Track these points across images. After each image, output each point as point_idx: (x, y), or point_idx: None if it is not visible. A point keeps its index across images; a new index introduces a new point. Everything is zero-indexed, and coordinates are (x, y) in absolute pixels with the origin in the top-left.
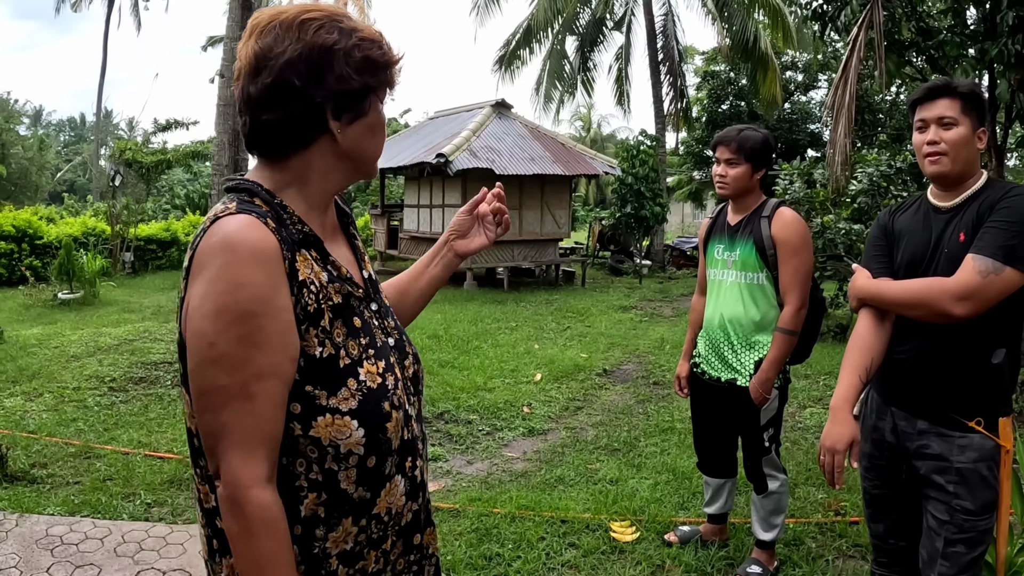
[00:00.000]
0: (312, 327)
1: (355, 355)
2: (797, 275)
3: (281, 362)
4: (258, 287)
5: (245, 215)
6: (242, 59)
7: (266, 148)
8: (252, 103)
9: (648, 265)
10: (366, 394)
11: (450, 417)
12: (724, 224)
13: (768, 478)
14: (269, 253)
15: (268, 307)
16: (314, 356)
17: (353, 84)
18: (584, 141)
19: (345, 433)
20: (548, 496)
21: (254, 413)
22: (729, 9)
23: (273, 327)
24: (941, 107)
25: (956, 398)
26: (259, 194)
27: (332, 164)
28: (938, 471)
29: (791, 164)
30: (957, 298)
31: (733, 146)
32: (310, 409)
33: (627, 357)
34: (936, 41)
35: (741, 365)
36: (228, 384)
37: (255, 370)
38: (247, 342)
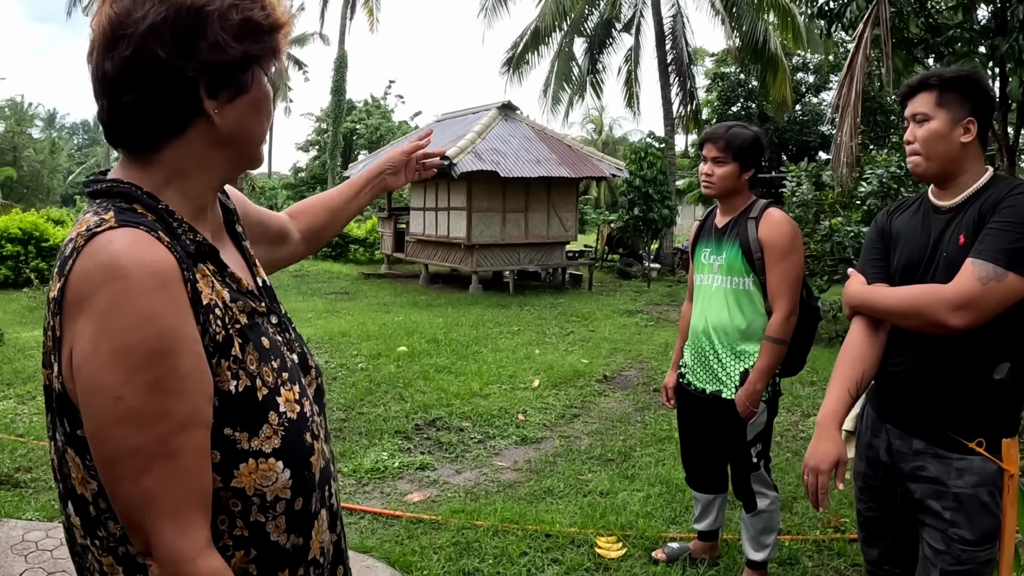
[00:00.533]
0: (224, 358)
1: (271, 383)
2: (785, 280)
3: (201, 405)
4: (165, 318)
5: (131, 228)
6: (95, 29)
7: (132, 139)
8: (109, 83)
9: (657, 268)
10: (288, 428)
11: (442, 424)
12: (712, 227)
13: (758, 496)
14: (171, 275)
15: (180, 342)
16: (229, 392)
17: (231, 53)
18: (596, 144)
19: (271, 478)
20: (534, 508)
21: (181, 472)
22: (738, 10)
23: (188, 365)
24: (917, 103)
25: (955, 416)
26: (139, 199)
27: (212, 153)
28: (934, 496)
29: (799, 165)
30: (954, 307)
31: (720, 144)
32: (231, 456)
33: (629, 363)
34: (945, 38)
35: (727, 376)
36: (144, 444)
37: (175, 421)
38: (160, 389)
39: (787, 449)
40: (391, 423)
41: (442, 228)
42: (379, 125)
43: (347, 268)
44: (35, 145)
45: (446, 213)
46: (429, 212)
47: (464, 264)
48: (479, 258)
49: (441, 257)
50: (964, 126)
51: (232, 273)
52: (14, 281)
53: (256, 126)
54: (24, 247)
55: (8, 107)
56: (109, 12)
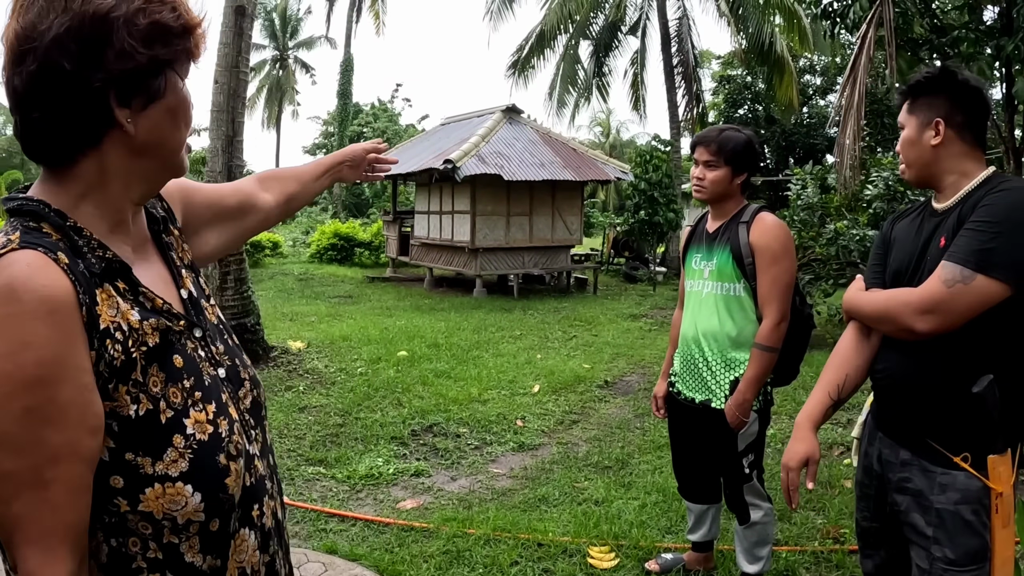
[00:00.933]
0: (121, 383)
1: (178, 404)
2: (776, 286)
3: (79, 438)
4: (47, 347)
5: (30, 251)
6: (4, 44)
7: (48, 154)
8: (19, 99)
9: (663, 272)
10: (197, 450)
11: (439, 430)
12: (703, 232)
13: (751, 507)
14: (61, 302)
15: (61, 371)
16: (129, 417)
17: (139, 59)
18: (603, 147)
19: (180, 502)
20: (527, 517)
21: (51, 503)
22: (744, 12)
23: (68, 395)
24: (901, 112)
25: (938, 428)
26: (47, 217)
27: (130, 164)
28: (918, 510)
29: (803, 168)
30: (919, 311)
31: (712, 147)
32: (135, 480)
33: (631, 368)
34: (951, 38)
35: (717, 385)
36: (15, 470)
37: (49, 452)
38: (36, 417)
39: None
40: (388, 429)
41: (446, 232)
42: (386, 128)
43: (352, 271)
44: None
45: (450, 217)
46: (434, 216)
47: (468, 268)
48: (483, 262)
49: (446, 261)
50: (933, 128)
51: (146, 291)
52: None
53: (173, 132)
54: None
55: None
56: (15, 27)
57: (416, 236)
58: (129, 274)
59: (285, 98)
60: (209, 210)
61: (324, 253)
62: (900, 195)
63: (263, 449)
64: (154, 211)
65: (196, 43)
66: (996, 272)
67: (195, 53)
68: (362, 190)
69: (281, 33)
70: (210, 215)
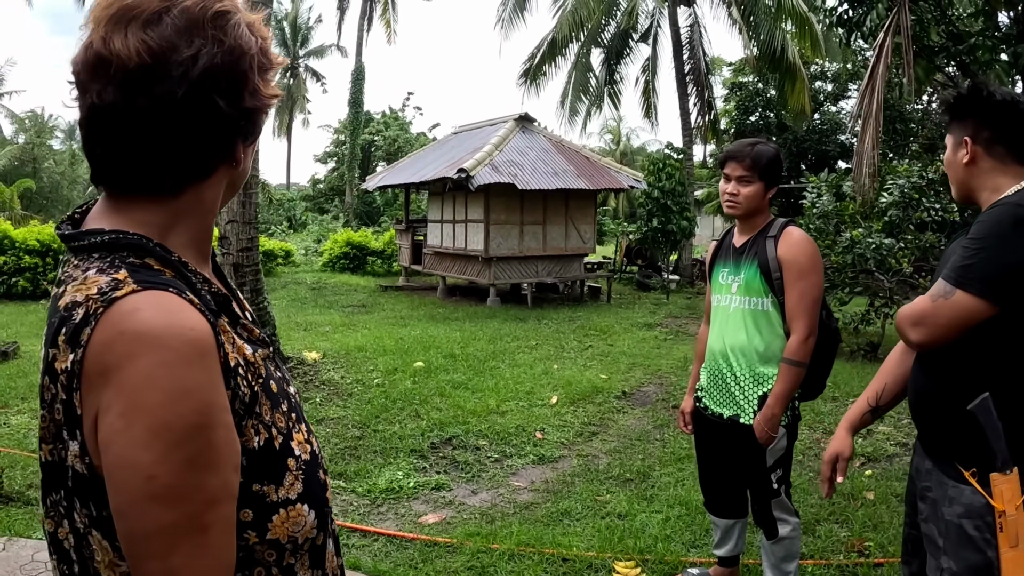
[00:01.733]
0: (250, 418)
1: (283, 428)
2: (803, 300)
3: (232, 478)
4: (203, 392)
5: (158, 291)
6: (116, 52)
7: (151, 182)
8: (140, 120)
9: (676, 280)
10: (305, 470)
11: (458, 443)
12: (730, 246)
13: (778, 522)
14: (208, 344)
15: (216, 414)
16: (253, 449)
17: (264, 99)
18: (614, 154)
19: (300, 524)
20: (551, 531)
21: (210, 547)
22: (756, 19)
23: (222, 438)
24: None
25: (952, 441)
26: (152, 252)
27: (221, 194)
28: (933, 520)
29: (818, 176)
30: (911, 323)
31: (747, 162)
32: (263, 511)
33: (648, 378)
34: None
35: (745, 400)
36: (175, 520)
37: (207, 496)
38: (196, 465)
39: (809, 468)
40: (406, 441)
41: (460, 241)
42: (397, 137)
43: (365, 280)
44: (55, 156)
45: (464, 225)
46: (447, 224)
47: (482, 277)
48: (497, 271)
49: (459, 269)
50: (963, 147)
51: (246, 323)
52: (32, 293)
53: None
54: (42, 259)
55: (28, 119)
56: (144, 38)
57: (429, 245)
58: (230, 305)
59: (296, 107)
60: None
61: (336, 262)
62: (916, 202)
63: None
64: None
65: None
66: (972, 287)
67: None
68: (373, 198)
69: (292, 42)
70: None
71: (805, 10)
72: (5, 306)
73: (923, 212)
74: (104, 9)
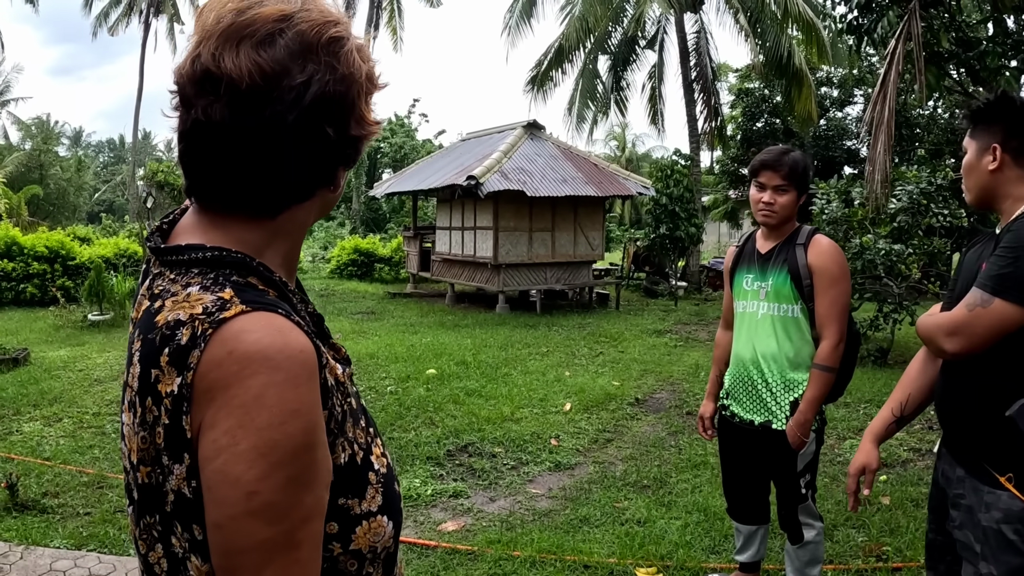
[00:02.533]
0: (340, 436)
1: (363, 443)
2: (835, 307)
3: (324, 496)
4: (311, 413)
5: (267, 312)
6: (227, 71)
7: (256, 203)
8: (248, 141)
9: (684, 286)
10: (384, 483)
11: (474, 450)
12: (753, 252)
13: (804, 527)
14: (314, 365)
15: (318, 435)
16: (340, 465)
17: (370, 127)
18: (619, 161)
19: (381, 534)
20: (571, 538)
21: (300, 563)
22: (762, 25)
23: (321, 458)
24: (966, 138)
25: (985, 447)
26: (255, 271)
27: (314, 214)
28: (968, 526)
29: (828, 183)
30: (947, 333)
31: (784, 171)
32: (347, 523)
33: (660, 385)
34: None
35: (777, 406)
36: (271, 537)
37: (303, 514)
38: (297, 484)
39: (824, 474)
40: (422, 449)
41: (468, 248)
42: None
43: (372, 287)
44: (61, 163)
45: (472, 232)
46: (455, 231)
47: (491, 284)
48: (506, 277)
49: (468, 276)
50: (990, 153)
51: (333, 342)
52: (40, 299)
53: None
54: (51, 265)
55: (35, 125)
56: (258, 62)
57: (437, 252)
58: (322, 324)
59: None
60: None
61: (344, 269)
62: (924, 208)
63: None
64: None
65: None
66: (1011, 295)
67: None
68: (379, 205)
69: None
70: None
71: (811, 16)
72: (14, 312)
73: (932, 218)
74: (215, 23)
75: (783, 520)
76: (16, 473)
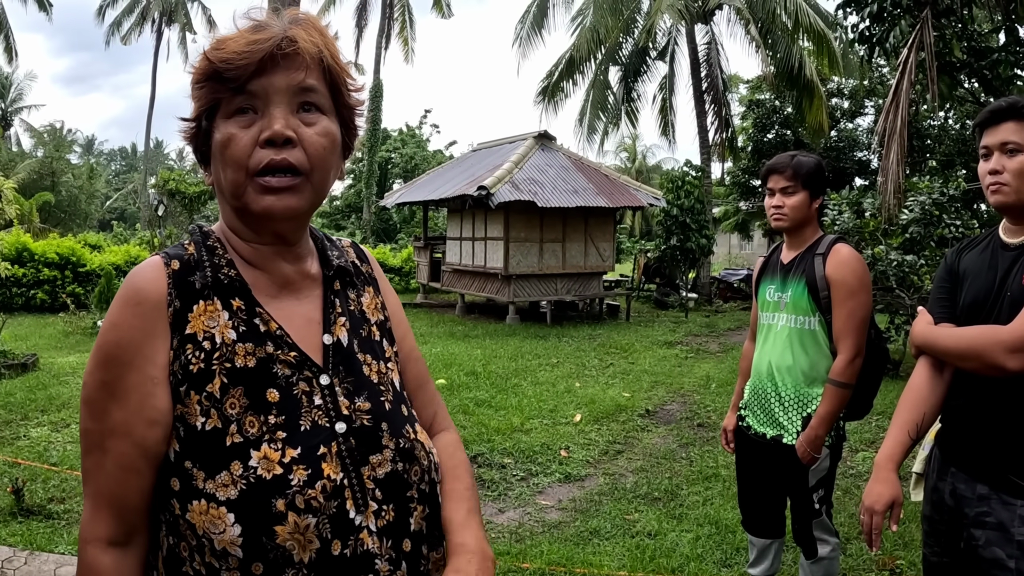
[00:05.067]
0: (194, 391)
1: (252, 434)
2: (851, 320)
3: (135, 423)
4: (127, 331)
5: (156, 256)
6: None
7: None
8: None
9: (694, 298)
10: (252, 484)
11: (484, 461)
12: (777, 262)
13: (818, 542)
14: (149, 296)
15: (134, 356)
16: (195, 427)
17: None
18: (629, 172)
19: (218, 527)
20: (582, 551)
21: (103, 469)
22: (773, 36)
23: (133, 380)
24: (1005, 131)
25: (1018, 460)
26: (193, 234)
27: (222, 185)
28: (998, 543)
29: (839, 194)
30: (1010, 350)
31: (788, 172)
32: (186, 489)
33: (671, 396)
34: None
35: (788, 420)
36: (90, 430)
37: (110, 424)
38: (107, 390)
39: (837, 487)
40: None
41: (479, 258)
42: (414, 154)
43: None
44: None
45: (483, 243)
46: (466, 242)
47: (501, 294)
48: (516, 288)
49: (478, 287)
50: None
51: (262, 313)
52: (50, 305)
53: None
54: (61, 272)
55: (47, 133)
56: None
57: (448, 262)
58: (248, 293)
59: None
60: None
61: None
62: (936, 219)
63: (388, 528)
64: (343, 263)
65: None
66: None
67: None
68: (390, 215)
69: None
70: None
71: (823, 27)
72: (24, 318)
73: (944, 228)
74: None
75: (797, 535)
76: (22, 478)
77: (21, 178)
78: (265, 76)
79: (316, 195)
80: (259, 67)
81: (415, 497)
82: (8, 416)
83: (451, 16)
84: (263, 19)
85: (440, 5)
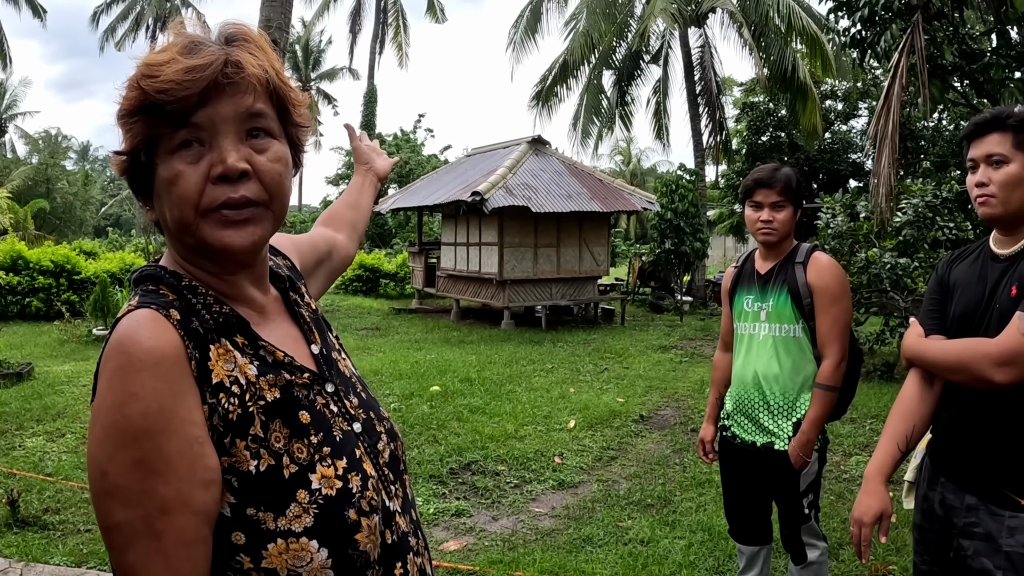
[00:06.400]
0: (239, 438)
1: (303, 459)
2: (836, 325)
3: (190, 491)
4: (153, 398)
5: (144, 309)
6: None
7: None
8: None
9: (689, 301)
10: (323, 505)
11: (477, 468)
12: (752, 273)
13: (808, 547)
14: (167, 354)
15: (168, 422)
16: (249, 473)
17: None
18: (624, 175)
19: (304, 558)
20: (574, 558)
21: (163, 554)
22: (766, 39)
23: (175, 447)
24: (990, 143)
25: (1007, 472)
26: (163, 279)
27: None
28: (986, 554)
29: (833, 197)
30: (997, 363)
31: (779, 187)
32: (256, 536)
33: (665, 401)
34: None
35: (778, 427)
36: (128, 520)
37: (158, 503)
38: (144, 468)
39: (830, 492)
40: (425, 467)
41: (473, 263)
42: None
43: (377, 303)
44: (68, 177)
45: (477, 248)
46: (460, 247)
47: (496, 300)
48: (511, 293)
49: (473, 292)
50: None
51: (265, 345)
52: (45, 313)
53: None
54: (56, 279)
55: (42, 140)
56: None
57: (443, 268)
58: (247, 329)
59: (308, 129)
60: (314, 256)
61: (349, 284)
62: (929, 221)
63: (404, 504)
64: (279, 271)
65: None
66: None
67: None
68: (384, 220)
69: (304, 64)
70: (314, 263)
71: (815, 30)
72: (19, 326)
73: (937, 231)
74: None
75: (786, 540)
76: (18, 489)
77: (16, 185)
78: (210, 105)
79: (277, 221)
80: (202, 97)
81: (405, 469)
82: (3, 426)
83: (445, 21)
84: (195, 35)
85: (434, 9)
